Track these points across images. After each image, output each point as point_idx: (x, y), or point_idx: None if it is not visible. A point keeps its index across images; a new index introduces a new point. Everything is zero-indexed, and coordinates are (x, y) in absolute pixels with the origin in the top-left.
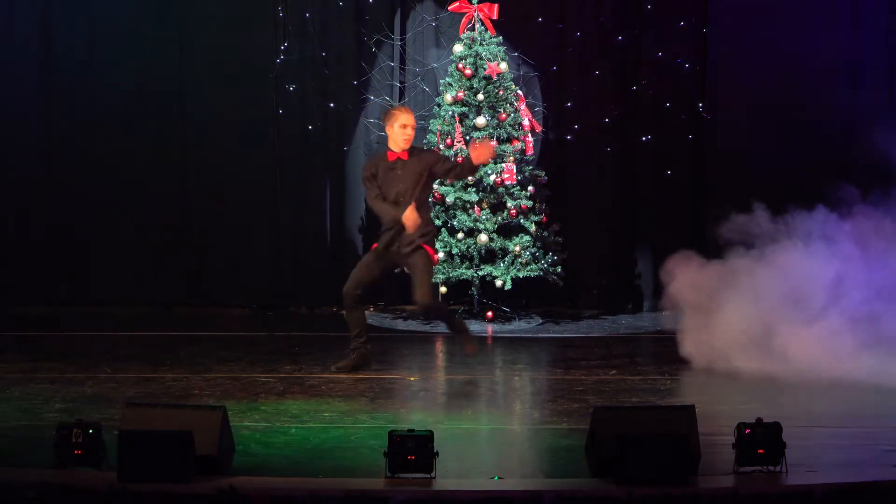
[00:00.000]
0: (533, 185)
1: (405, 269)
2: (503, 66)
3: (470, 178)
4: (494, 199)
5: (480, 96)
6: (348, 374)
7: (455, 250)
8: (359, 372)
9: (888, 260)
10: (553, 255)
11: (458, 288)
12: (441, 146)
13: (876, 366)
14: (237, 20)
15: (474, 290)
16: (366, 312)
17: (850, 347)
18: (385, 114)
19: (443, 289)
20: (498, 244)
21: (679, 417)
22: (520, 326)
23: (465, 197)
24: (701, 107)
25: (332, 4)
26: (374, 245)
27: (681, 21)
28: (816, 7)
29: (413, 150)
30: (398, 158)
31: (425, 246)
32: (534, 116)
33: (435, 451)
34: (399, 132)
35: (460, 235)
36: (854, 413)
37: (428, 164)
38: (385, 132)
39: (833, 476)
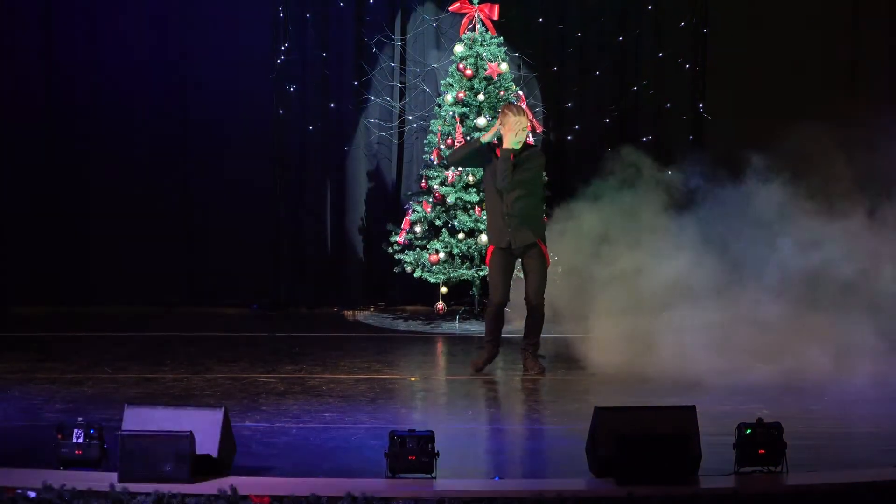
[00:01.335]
0: None
1: (522, 265)
2: (504, 66)
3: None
4: None
5: (481, 97)
6: (482, 370)
7: (456, 251)
8: (483, 371)
9: None
10: (553, 255)
11: (459, 288)
12: (441, 146)
13: None
14: (237, 20)
15: (475, 291)
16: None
17: None
18: (502, 112)
19: (443, 289)
20: None
21: (680, 417)
22: (520, 326)
23: (466, 197)
24: (701, 107)
25: (332, 5)
26: (490, 248)
27: (681, 21)
28: (817, 5)
29: (525, 148)
30: (507, 156)
31: (540, 242)
32: (534, 117)
33: (435, 451)
34: (511, 136)
35: (461, 236)
36: (854, 413)
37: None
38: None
39: (833, 476)
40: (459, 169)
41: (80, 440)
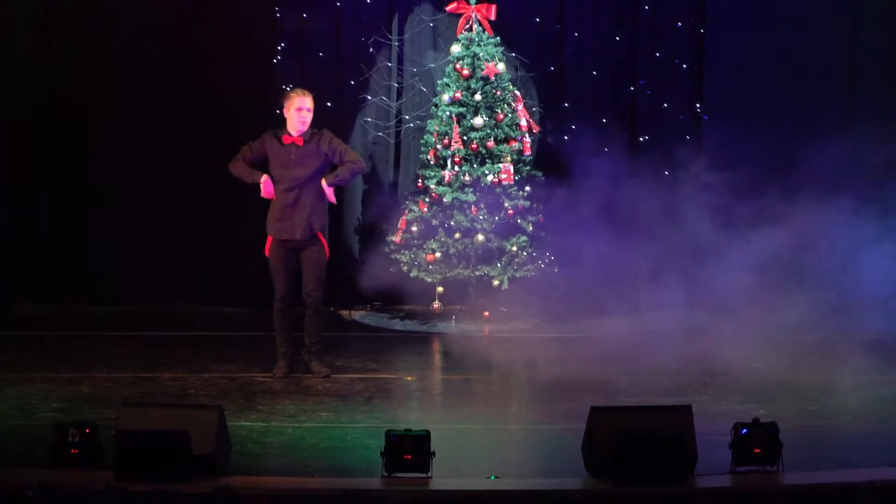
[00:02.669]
0: (530, 186)
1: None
2: (501, 66)
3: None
4: (492, 199)
5: (478, 96)
6: (286, 377)
7: (452, 250)
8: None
9: None
10: (550, 255)
11: (455, 288)
12: (438, 146)
13: None
14: (235, 20)
15: (471, 290)
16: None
17: None
18: (283, 95)
19: (440, 288)
20: (495, 244)
21: (676, 417)
22: (517, 326)
23: (463, 197)
24: (699, 107)
25: (329, 4)
26: (269, 239)
27: (678, 21)
28: (815, 7)
29: (312, 136)
30: (293, 143)
31: (320, 235)
32: (531, 117)
33: (432, 450)
34: (295, 115)
35: (457, 235)
36: (853, 412)
37: (325, 153)
38: (284, 115)
39: (829, 476)
40: (455, 169)
41: (77, 439)
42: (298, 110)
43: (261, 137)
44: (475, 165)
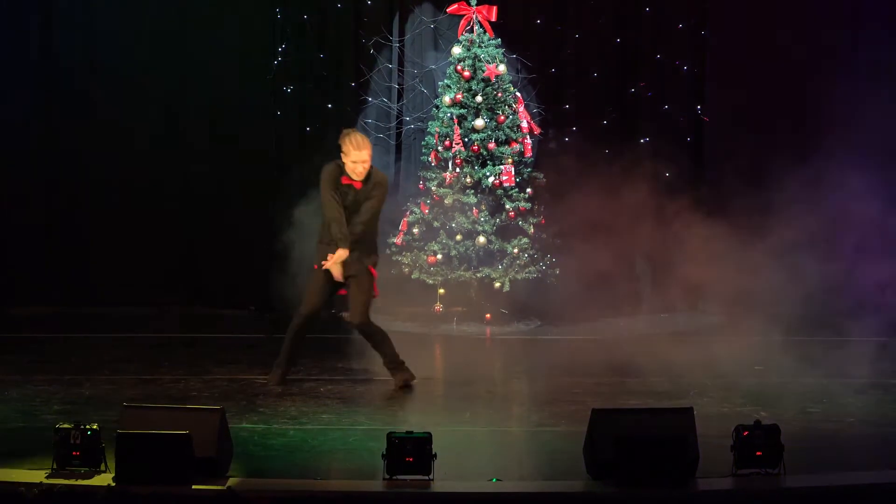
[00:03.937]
0: (531, 187)
1: (347, 285)
2: (502, 67)
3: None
4: (493, 200)
5: (479, 98)
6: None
7: (453, 252)
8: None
9: None
10: (552, 257)
11: (457, 290)
12: (439, 148)
13: None
14: (236, 21)
15: (472, 292)
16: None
17: None
18: (343, 135)
19: (441, 290)
20: (496, 246)
21: (677, 419)
22: (518, 328)
23: (464, 199)
24: (700, 109)
25: (330, 6)
26: (316, 266)
27: (680, 23)
28: (817, 7)
29: (368, 177)
30: (351, 185)
31: (372, 269)
32: (532, 118)
33: (433, 453)
34: (351, 166)
35: (459, 237)
36: (855, 415)
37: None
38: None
39: (831, 478)
40: (457, 170)
41: (78, 442)
42: (354, 163)
43: (330, 172)
44: (476, 167)
